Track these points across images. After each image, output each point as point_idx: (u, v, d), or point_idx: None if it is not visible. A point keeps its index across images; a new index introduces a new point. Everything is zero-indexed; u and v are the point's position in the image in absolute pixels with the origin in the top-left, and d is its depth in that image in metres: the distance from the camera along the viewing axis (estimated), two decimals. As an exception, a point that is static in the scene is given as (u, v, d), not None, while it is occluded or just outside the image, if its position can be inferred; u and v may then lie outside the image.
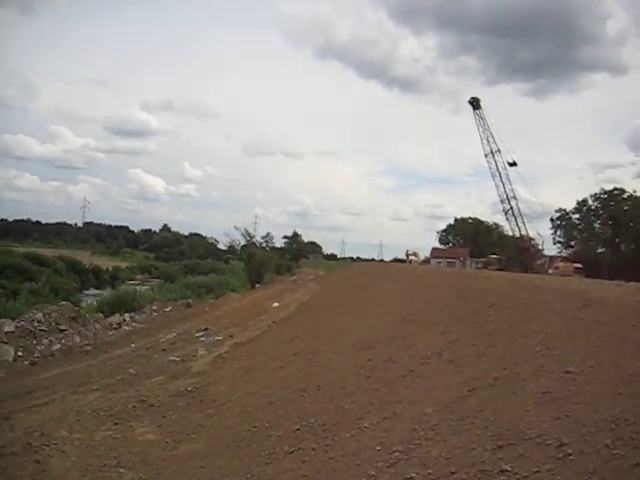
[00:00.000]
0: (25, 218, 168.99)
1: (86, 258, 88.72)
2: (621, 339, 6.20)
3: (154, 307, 30.02)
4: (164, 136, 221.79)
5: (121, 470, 7.42)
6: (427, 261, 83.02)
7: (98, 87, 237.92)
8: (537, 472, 4.31)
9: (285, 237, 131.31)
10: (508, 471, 4.46)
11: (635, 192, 71.63)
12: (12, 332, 18.22)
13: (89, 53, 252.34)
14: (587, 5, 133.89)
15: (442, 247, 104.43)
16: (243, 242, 65.97)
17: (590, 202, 75.91)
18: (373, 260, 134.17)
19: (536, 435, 4.79)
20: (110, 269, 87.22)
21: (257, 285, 51.21)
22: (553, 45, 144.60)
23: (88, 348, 18.52)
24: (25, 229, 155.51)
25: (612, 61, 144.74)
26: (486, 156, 61.22)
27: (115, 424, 9.52)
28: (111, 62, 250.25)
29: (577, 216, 77.78)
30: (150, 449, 8.27)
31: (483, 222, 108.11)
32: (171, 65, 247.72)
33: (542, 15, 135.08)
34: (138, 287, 48.14)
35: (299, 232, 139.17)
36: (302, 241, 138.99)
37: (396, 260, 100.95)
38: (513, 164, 61.18)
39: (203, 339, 18.80)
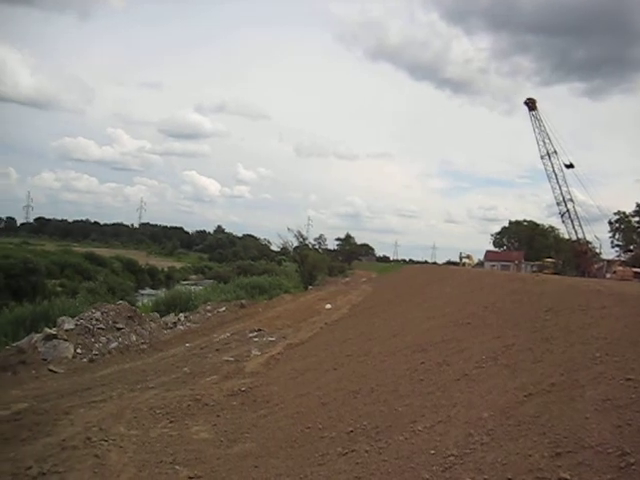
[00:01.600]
0: (84, 219, 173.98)
1: (142, 258, 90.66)
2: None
3: (208, 307, 30.28)
4: (218, 138, 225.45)
5: (177, 467, 7.52)
6: (481, 264, 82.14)
7: (153, 90, 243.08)
8: (597, 481, 4.22)
9: (338, 239, 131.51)
10: (567, 479, 4.38)
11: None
12: (72, 330, 18.63)
13: (144, 57, 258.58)
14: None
15: (496, 250, 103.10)
16: (296, 243, 66.34)
17: (651, 204, 73.87)
18: (426, 263, 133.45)
19: (596, 443, 4.69)
20: (165, 269, 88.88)
21: (310, 287, 51.37)
22: (608, 44, 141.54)
23: (144, 347, 18.83)
24: (84, 229, 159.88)
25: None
26: (542, 158, 60.30)
27: (170, 422, 9.64)
28: (165, 65, 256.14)
29: (637, 219, 75.75)
30: (205, 447, 8.35)
31: (538, 225, 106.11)
32: (223, 67, 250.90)
33: (597, 13, 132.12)
34: (192, 287, 48.75)
35: (352, 234, 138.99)
36: (355, 243, 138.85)
37: (449, 263, 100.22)
38: (570, 166, 60.07)
39: (256, 340, 18.90)
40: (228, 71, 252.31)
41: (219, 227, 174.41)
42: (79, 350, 17.71)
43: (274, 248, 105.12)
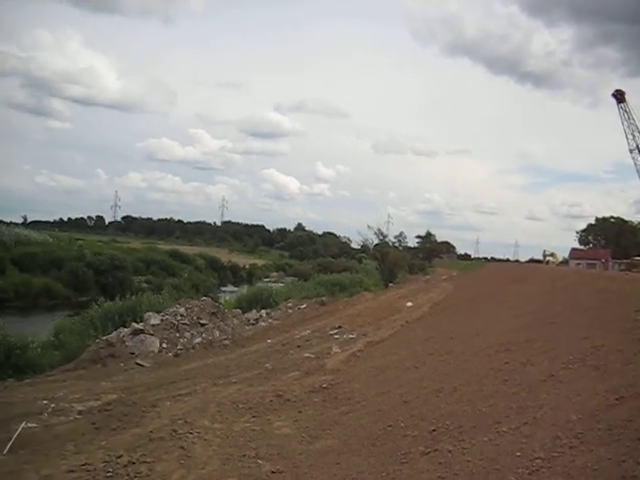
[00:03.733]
0: (168, 217, 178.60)
1: (224, 256, 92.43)
2: None
3: (289, 304, 30.58)
4: (296, 136, 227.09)
5: (259, 461, 7.61)
6: (566, 262, 80.00)
7: (233, 90, 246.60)
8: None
9: (418, 236, 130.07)
10: (662, 487, 4.21)
11: None
12: (157, 325, 19.18)
13: (223, 57, 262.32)
14: None
15: (582, 248, 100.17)
16: (376, 241, 66.18)
17: None
18: (508, 260, 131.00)
19: (695, 450, 4.49)
20: (247, 267, 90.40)
21: (390, 284, 51.16)
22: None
23: (227, 342, 19.15)
24: (168, 227, 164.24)
25: None
26: (631, 152, 58.44)
27: (253, 417, 9.77)
28: (244, 65, 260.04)
29: None
30: (287, 442, 8.43)
31: (627, 222, 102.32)
32: (301, 65, 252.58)
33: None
34: (273, 284, 49.31)
35: (432, 231, 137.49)
36: (435, 240, 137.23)
37: (532, 261, 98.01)
38: (661, 160, 57.64)
39: (337, 337, 18.95)
40: (305, 69, 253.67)
41: (299, 225, 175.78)
42: (164, 345, 18.23)
43: (354, 246, 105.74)
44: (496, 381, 8.74)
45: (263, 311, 27.71)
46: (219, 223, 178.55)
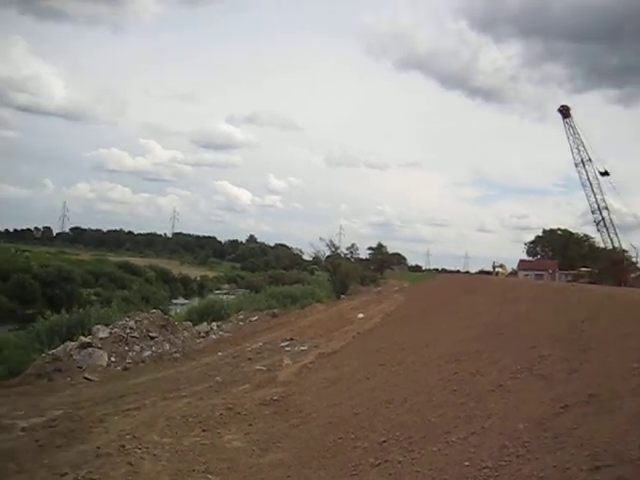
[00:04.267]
0: (118, 228, 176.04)
1: (175, 268, 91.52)
2: None
3: (240, 316, 30.50)
4: (249, 148, 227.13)
5: (209, 476, 7.53)
6: (515, 273, 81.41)
7: (184, 101, 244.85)
8: (637, 496, 4.12)
9: (370, 248, 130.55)
10: (606, 493, 4.29)
11: None
12: (106, 338, 18.86)
13: (175, 68, 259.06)
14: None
15: (530, 259, 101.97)
16: (328, 253, 66.36)
17: (689, 212, 72.40)
18: (458, 272, 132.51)
19: (636, 457, 4.57)
20: (198, 279, 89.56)
21: (342, 296, 51.32)
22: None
23: (177, 355, 18.96)
24: (118, 239, 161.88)
25: None
26: (576, 165, 59.66)
27: (203, 431, 9.66)
28: (196, 76, 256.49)
29: (675, 227, 74.30)
30: (237, 456, 8.36)
31: (573, 234, 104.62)
32: (255, 77, 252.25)
33: (628, 19, 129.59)
34: (225, 296, 49.04)
35: (383, 243, 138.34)
36: (387, 252, 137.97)
37: (482, 272, 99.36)
38: (605, 173, 59.27)
39: (288, 349, 18.92)
40: (260, 82, 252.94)
41: (251, 236, 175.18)
42: (113, 358, 17.93)
43: (306, 257, 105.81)
44: (445, 391, 8.82)
45: (214, 323, 27.55)
46: (170, 235, 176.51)
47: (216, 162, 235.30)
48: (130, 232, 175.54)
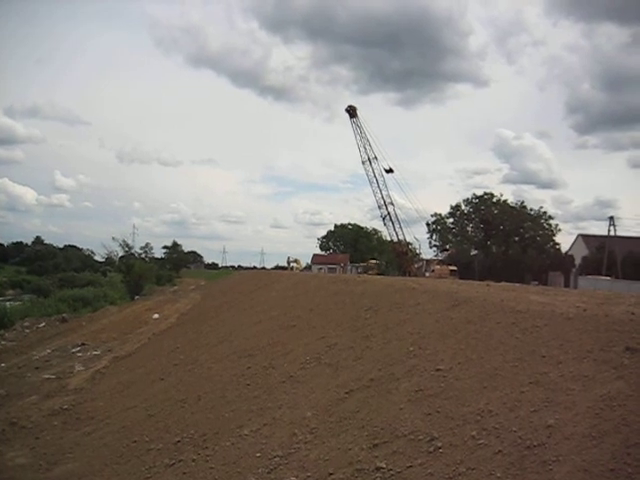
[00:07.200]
0: None
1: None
2: (487, 336, 6.55)
3: (26, 324, 28.77)
4: (32, 144, 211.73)
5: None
6: (309, 267, 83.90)
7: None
8: (410, 467, 4.49)
9: (165, 247, 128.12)
10: (383, 468, 4.62)
11: (502, 196, 75.48)
12: None
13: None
14: (449, 20, 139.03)
15: (323, 253, 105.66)
16: (121, 253, 64.28)
17: (463, 207, 78.72)
18: (255, 268, 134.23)
19: (409, 432, 4.98)
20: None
21: (137, 297, 50.06)
22: (419, 56, 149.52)
23: (-49, 370, 17.42)
24: None
25: (475, 74, 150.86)
26: (363, 163, 62.29)
27: (-18, 451, 9.03)
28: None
29: (451, 220, 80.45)
30: (21, 474, 7.92)
31: (362, 228, 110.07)
32: (36, 69, 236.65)
33: (406, 28, 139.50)
34: (8, 303, 45.79)
35: (179, 242, 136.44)
36: (182, 251, 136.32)
37: (278, 267, 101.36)
38: (390, 171, 62.51)
39: (80, 355, 18.17)
40: (44, 73, 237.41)
41: (38, 238, 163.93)
42: None
43: (98, 258, 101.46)
44: (239, 386, 8.97)
45: (-6, 333, 25.66)
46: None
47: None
48: None
